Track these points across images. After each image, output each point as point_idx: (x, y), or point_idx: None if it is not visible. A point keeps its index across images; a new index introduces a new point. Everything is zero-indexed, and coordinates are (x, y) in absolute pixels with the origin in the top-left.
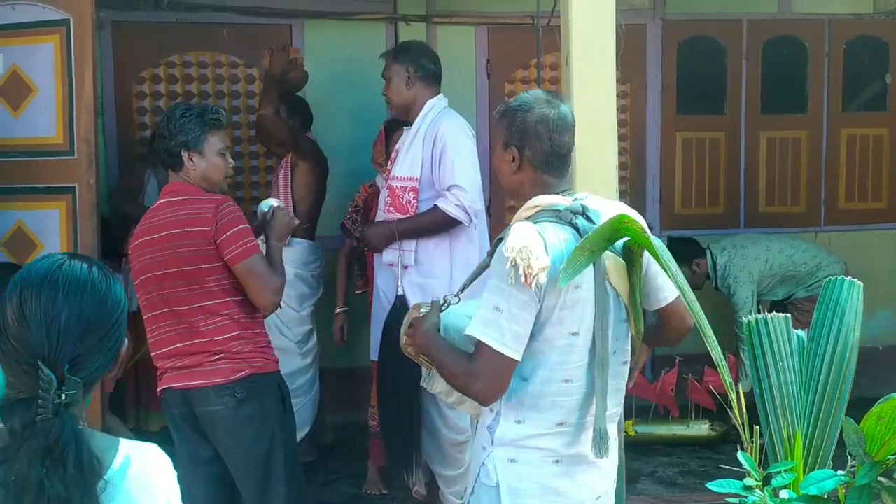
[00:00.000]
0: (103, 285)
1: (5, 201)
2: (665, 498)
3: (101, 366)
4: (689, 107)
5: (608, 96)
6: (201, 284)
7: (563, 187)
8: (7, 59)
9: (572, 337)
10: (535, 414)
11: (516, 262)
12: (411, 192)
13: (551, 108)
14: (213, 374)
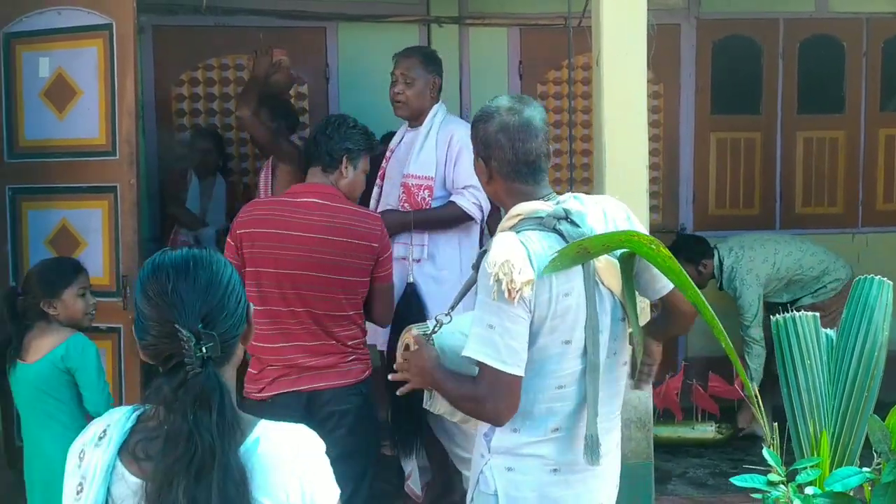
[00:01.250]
0: (204, 256)
1: (50, 200)
2: (695, 498)
3: (234, 324)
4: (723, 107)
5: (639, 96)
6: (353, 295)
7: (541, 193)
8: (53, 63)
9: (565, 345)
10: (529, 421)
11: (499, 276)
12: (426, 189)
13: (512, 114)
14: (347, 374)
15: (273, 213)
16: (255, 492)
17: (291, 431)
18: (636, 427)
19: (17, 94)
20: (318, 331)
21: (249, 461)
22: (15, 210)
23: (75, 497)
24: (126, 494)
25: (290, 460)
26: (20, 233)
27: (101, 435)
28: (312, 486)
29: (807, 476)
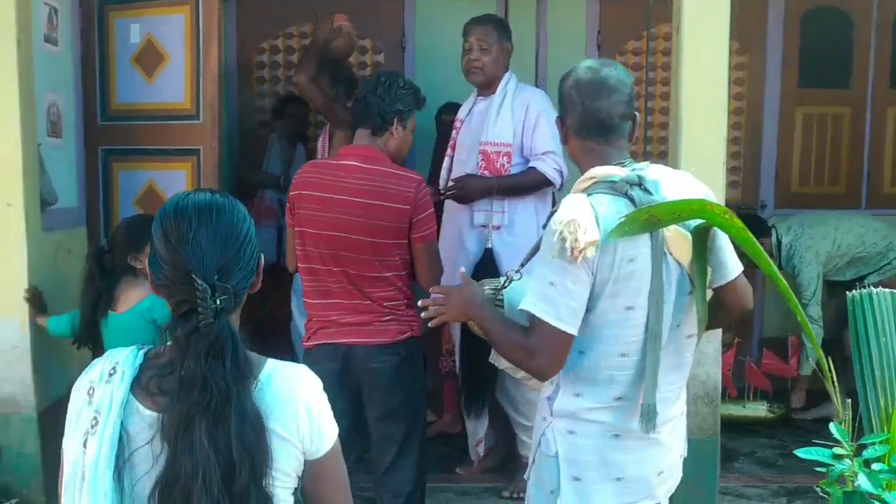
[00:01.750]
0: (227, 204)
1: (139, 161)
2: (762, 477)
3: (246, 275)
4: (811, 80)
5: (720, 67)
6: (387, 257)
7: (616, 155)
8: (143, 29)
9: (627, 311)
10: (592, 387)
11: (564, 235)
12: (505, 156)
13: (588, 72)
14: (381, 333)
15: (318, 175)
16: (270, 422)
17: (297, 369)
18: (703, 403)
19: (109, 59)
20: (353, 290)
21: (264, 394)
22: (107, 170)
23: (89, 431)
24: (141, 428)
25: (298, 394)
26: (111, 192)
27: (110, 371)
28: (318, 418)
29: (874, 451)
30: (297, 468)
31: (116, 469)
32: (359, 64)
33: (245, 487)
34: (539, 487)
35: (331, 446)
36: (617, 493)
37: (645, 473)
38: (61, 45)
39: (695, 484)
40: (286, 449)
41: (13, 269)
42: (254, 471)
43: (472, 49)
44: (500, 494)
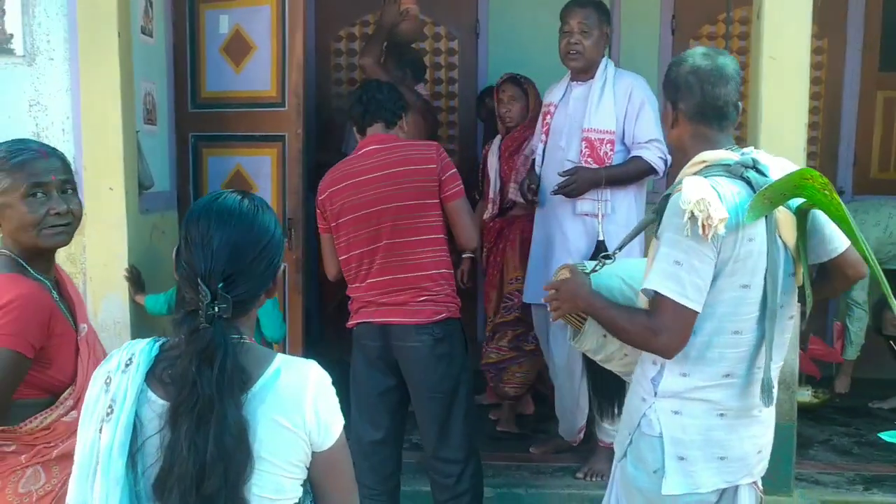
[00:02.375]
0: (250, 215)
1: (227, 147)
2: (837, 465)
3: (256, 286)
4: (892, 64)
5: (801, 51)
6: (422, 218)
7: (726, 142)
8: (231, 20)
9: (743, 290)
10: (700, 366)
11: (694, 213)
12: (608, 143)
13: (706, 59)
14: (416, 313)
15: (342, 170)
16: (276, 414)
17: (306, 364)
18: (781, 388)
19: (200, 49)
20: (391, 265)
21: (272, 388)
22: (197, 155)
23: (104, 418)
24: (153, 416)
25: (305, 388)
26: (200, 177)
27: (126, 362)
28: (324, 411)
29: None
30: (305, 460)
31: (130, 456)
32: (433, 50)
33: (214, 491)
34: (640, 467)
35: (336, 439)
36: (720, 472)
37: (746, 452)
38: (156, 36)
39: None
40: (292, 441)
41: (115, 248)
42: (227, 477)
43: (573, 32)
44: (573, 474)
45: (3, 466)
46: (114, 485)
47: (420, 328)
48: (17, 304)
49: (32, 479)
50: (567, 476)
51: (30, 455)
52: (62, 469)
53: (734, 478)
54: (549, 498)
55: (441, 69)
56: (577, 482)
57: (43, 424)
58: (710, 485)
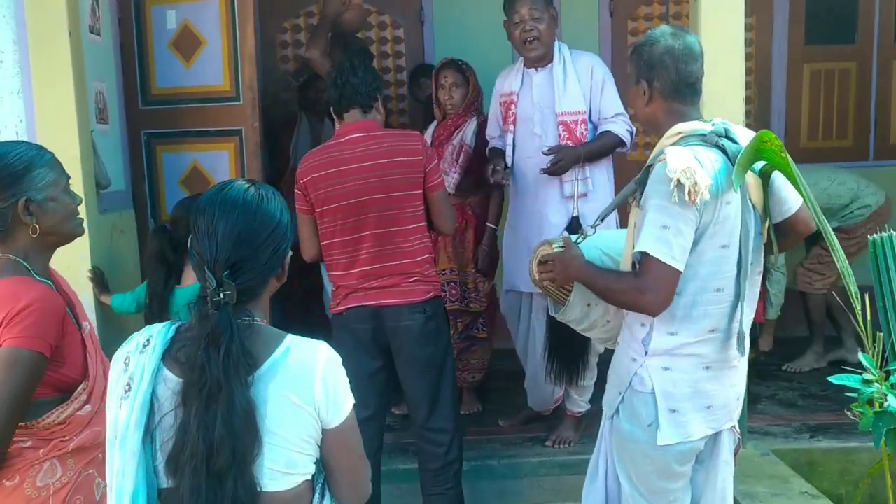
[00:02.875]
0: (255, 204)
1: (182, 143)
2: (784, 416)
3: (262, 272)
4: (817, 38)
5: (737, 31)
6: (407, 208)
7: (696, 115)
8: (179, 15)
9: (723, 249)
10: (687, 324)
11: (681, 181)
12: (582, 123)
13: (676, 39)
14: (408, 293)
15: (326, 156)
16: (286, 390)
17: (315, 344)
18: None
19: (148, 46)
20: (381, 253)
21: (282, 367)
22: (150, 153)
23: (123, 395)
24: (168, 394)
25: (315, 366)
26: (156, 173)
27: (144, 343)
28: (334, 389)
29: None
30: (315, 436)
31: (147, 432)
32: (379, 39)
33: (223, 468)
34: (634, 423)
35: (346, 416)
36: (707, 420)
37: (728, 399)
38: (103, 34)
39: None
40: (303, 417)
41: (77, 250)
42: (235, 455)
43: (525, 20)
44: (542, 443)
45: (22, 462)
46: (130, 457)
47: (412, 307)
48: (37, 307)
49: (49, 472)
50: (537, 445)
51: (47, 449)
52: (77, 462)
53: (719, 424)
54: (521, 466)
55: (388, 58)
56: (547, 450)
57: (59, 419)
58: (699, 432)
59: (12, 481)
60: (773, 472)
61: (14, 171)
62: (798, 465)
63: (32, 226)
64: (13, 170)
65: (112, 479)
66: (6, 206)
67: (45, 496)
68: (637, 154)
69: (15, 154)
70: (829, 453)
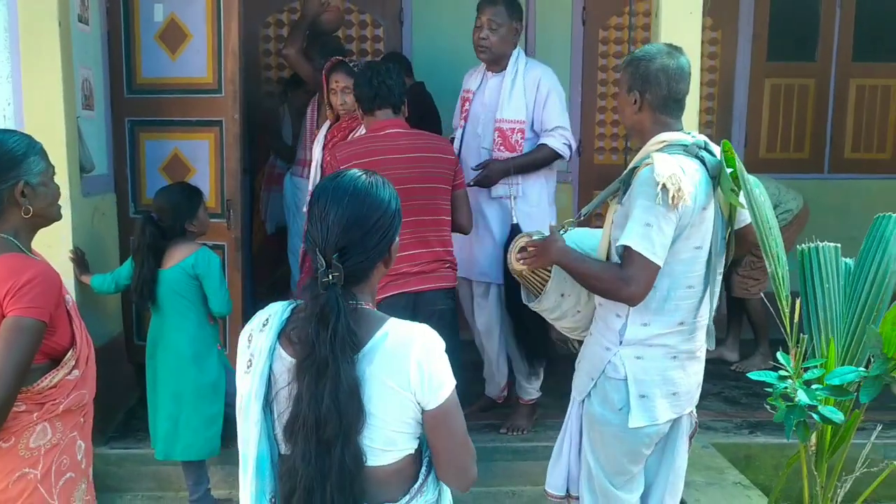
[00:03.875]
0: (364, 191)
1: (164, 132)
2: (728, 413)
3: (370, 257)
4: (779, 54)
5: (694, 45)
6: (440, 201)
7: (679, 127)
8: (166, 9)
9: (696, 250)
10: (659, 316)
11: (667, 185)
12: (519, 132)
13: (671, 58)
14: (443, 278)
15: (368, 146)
16: (382, 373)
17: (414, 328)
18: None
19: (135, 37)
20: (418, 240)
21: (379, 351)
22: (133, 140)
23: (246, 370)
24: (282, 370)
25: (410, 350)
26: (138, 160)
27: (264, 322)
28: (430, 372)
29: (812, 374)
30: (415, 416)
31: (267, 403)
32: (360, 37)
33: (332, 438)
34: (606, 406)
35: (445, 399)
36: (672, 406)
37: (691, 385)
38: (91, 24)
39: None
40: (399, 399)
41: (59, 231)
42: (341, 427)
43: (483, 28)
44: (497, 430)
45: (17, 424)
46: (252, 425)
47: (447, 292)
48: (39, 280)
49: (41, 434)
50: (492, 432)
51: (40, 413)
52: (65, 424)
53: (682, 409)
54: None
55: (367, 55)
56: (501, 437)
57: (52, 383)
58: (665, 416)
59: (7, 443)
60: (710, 463)
61: (14, 156)
62: (736, 459)
63: (25, 207)
64: (13, 154)
65: (241, 447)
66: (4, 188)
67: (37, 456)
68: (604, 158)
69: (13, 140)
70: (766, 448)
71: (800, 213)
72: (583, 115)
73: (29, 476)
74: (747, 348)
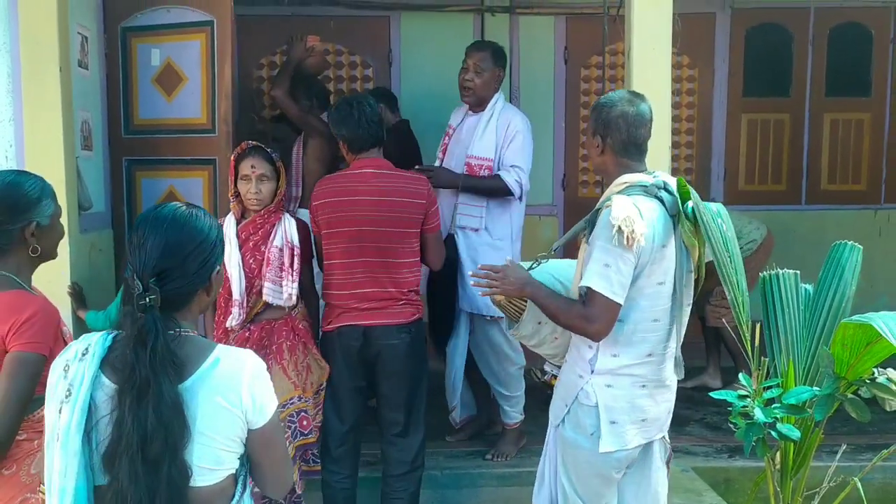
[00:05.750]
0: (183, 219)
1: (160, 170)
2: (708, 438)
3: (190, 282)
4: (755, 90)
5: (663, 85)
6: (404, 244)
7: (641, 168)
8: (163, 53)
9: (659, 286)
10: (628, 348)
11: (622, 227)
12: (486, 169)
13: (631, 105)
14: (397, 315)
15: (340, 185)
16: (216, 395)
17: (243, 353)
18: None
19: (132, 80)
20: (377, 279)
21: (212, 374)
22: (130, 178)
23: (64, 400)
24: (104, 398)
25: (242, 373)
26: (134, 197)
27: (83, 352)
28: (259, 394)
29: (771, 393)
30: (241, 435)
31: (86, 433)
32: (350, 77)
33: (158, 455)
34: (578, 431)
35: (270, 417)
36: (641, 431)
37: (661, 413)
38: (91, 68)
39: None
40: (230, 418)
41: (58, 266)
42: (168, 442)
43: (469, 70)
44: (483, 457)
45: (19, 452)
46: (72, 457)
47: (400, 328)
48: (40, 316)
49: (41, 461)
50: (477, 458)
51: (41, 440)
52: None
53: (651, 434)
54: (462, 477)
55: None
56: (487, 463)
57: None
58: (635, 442)
59: (10, 470)
60: (690, 486)
61: (30, 199)
62: (716, 483)
63: (33, 246)
64: (29, 197)
65: (53, 477)
66: (17, 228)
67: (37, 482)
68: (588, 191)
69: (30, 184)
70: (745, 471)
71: (764, 241)
72: (567, 149)
73: (31, 501)
74: (730, 375)
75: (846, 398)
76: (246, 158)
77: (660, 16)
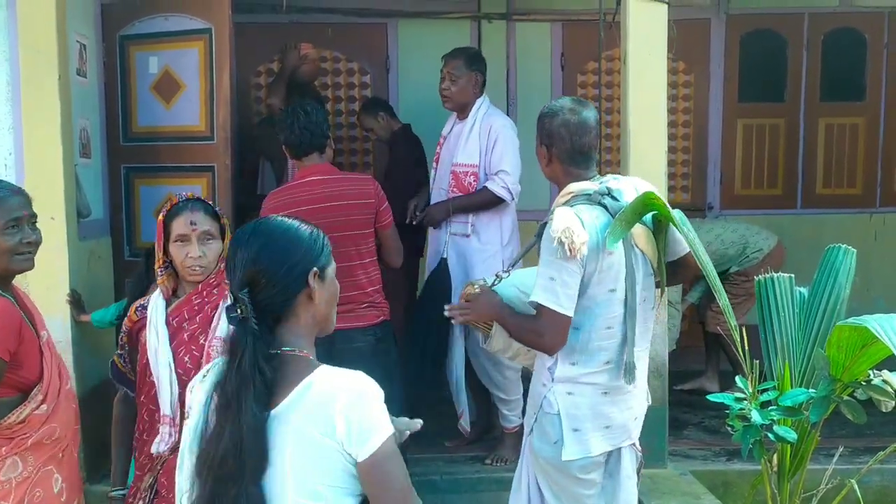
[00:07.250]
0: (268, 230)
1: (158, 178)
2: (706, 441)
3: (279, 290)
4: (750, 95)
5: (658, 93)
6: (360, 245)
7: (590, 175)
8: (161, 61)
9: (610, 293)
10: (585, 357)
11: (562, 240)
12: (472, 175)
13: (573, 114)
14: (361, 318)
15: (285, 197)
16: (306, 423)
17: (342, 375)
18: (654, 376)
19: (131, 88)
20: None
21: (303, 399)
22: (129, 185)
23: (187, 419)
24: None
25: (336, 400)
26: (133, 205)
27: (205, 374)
28: (358, 420)
29: (767, 396)
30: (344, 468)
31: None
32: (347, 84)
33: (229, 477)
34: (543, 440)
35: (375, 448)
36: (606, 438)
37: (625, 420)
38: (89, 76)
39: (647, 447)
40: (322, 450)
41: (57, 273)
42: (240, 466)
43: (445, 79)
44: (483, 462)
45: None
46: (185, 480)
47: (364, 330)
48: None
49: (11, 468)
50: (476, 463)
51: (10, 447)
52: (36, 458)
53: (617, 441)
54: (461, 482)
55: (355, 102)
56: (486, 468)
57: (20, 418)
58: (599, 449)
59: None
60: (687, 489)
61: None
62: (714, 486)
63: None
64: None
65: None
66: None
67: (8, 489)
68: None
69: None
70: (743, 474)
71: (772, 252)
72: None
73: None
74: (729, 380)
75: (842, 400)
76: (181, 214)
77: (655, 22)
